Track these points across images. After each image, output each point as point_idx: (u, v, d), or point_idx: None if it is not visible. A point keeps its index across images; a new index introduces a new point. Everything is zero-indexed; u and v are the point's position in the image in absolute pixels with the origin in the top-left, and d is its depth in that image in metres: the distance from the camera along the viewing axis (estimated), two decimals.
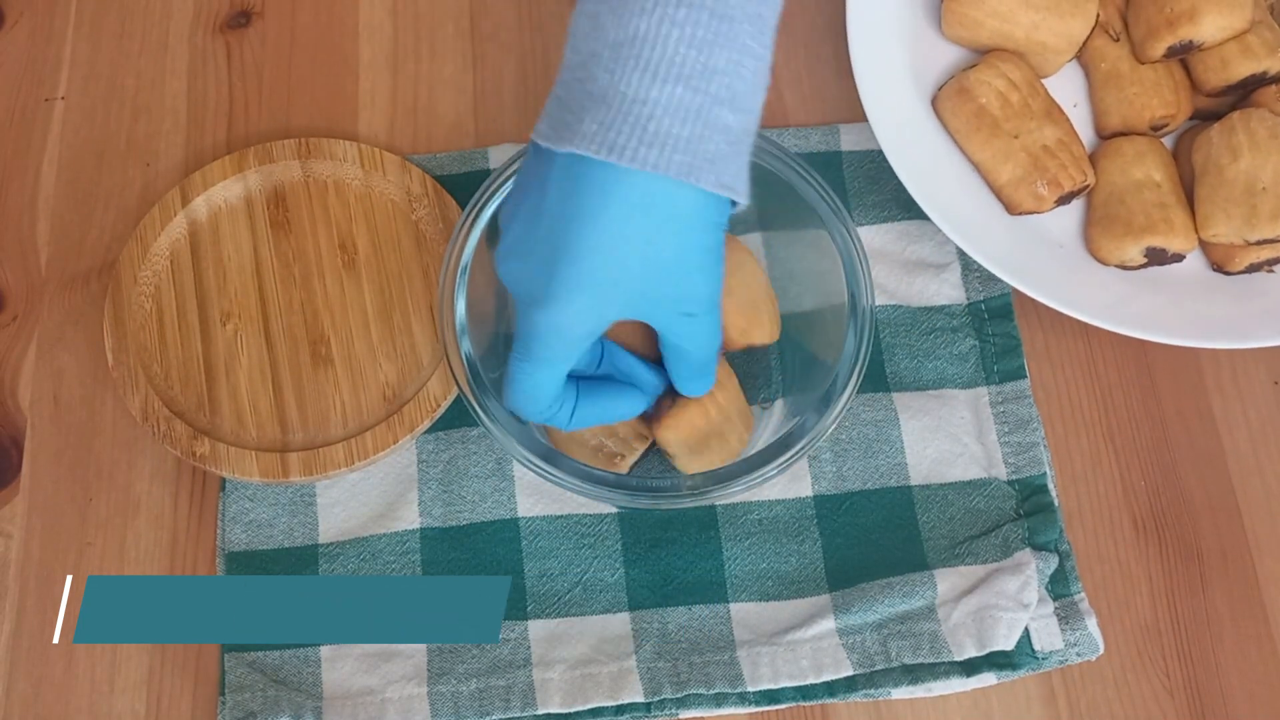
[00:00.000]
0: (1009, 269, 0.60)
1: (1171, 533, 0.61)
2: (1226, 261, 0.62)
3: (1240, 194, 0.60)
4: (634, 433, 0.58)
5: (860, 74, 0.64)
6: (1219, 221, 0.61)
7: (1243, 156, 0.60)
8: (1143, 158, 0.63)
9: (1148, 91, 0.64)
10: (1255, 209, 0.60)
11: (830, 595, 0.58)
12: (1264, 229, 0.59)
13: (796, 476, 0.61)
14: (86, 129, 0.69)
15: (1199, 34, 0.62)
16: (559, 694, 0.56)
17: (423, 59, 0.70)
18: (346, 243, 0.64)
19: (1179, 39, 0.62)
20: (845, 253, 0.56)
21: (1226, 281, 0.63)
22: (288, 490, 0.60)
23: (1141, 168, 0.63)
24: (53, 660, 0.58)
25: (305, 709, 0.56)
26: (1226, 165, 0.61)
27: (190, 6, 0.72)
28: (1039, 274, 0.61)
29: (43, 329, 0.64)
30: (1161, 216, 0.61)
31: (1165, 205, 0.62)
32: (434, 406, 0.60)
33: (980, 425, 0.62)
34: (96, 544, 0.60)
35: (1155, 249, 0.61)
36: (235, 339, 0.62)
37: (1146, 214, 0.61)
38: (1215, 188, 0.61)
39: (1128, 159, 0.63)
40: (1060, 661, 0.57)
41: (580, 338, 0.50)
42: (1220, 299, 0.62)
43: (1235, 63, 0.62)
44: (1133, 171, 0.63)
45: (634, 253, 0.47)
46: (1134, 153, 0.63)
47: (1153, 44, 0.63)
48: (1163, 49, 0.63)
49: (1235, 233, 0.60)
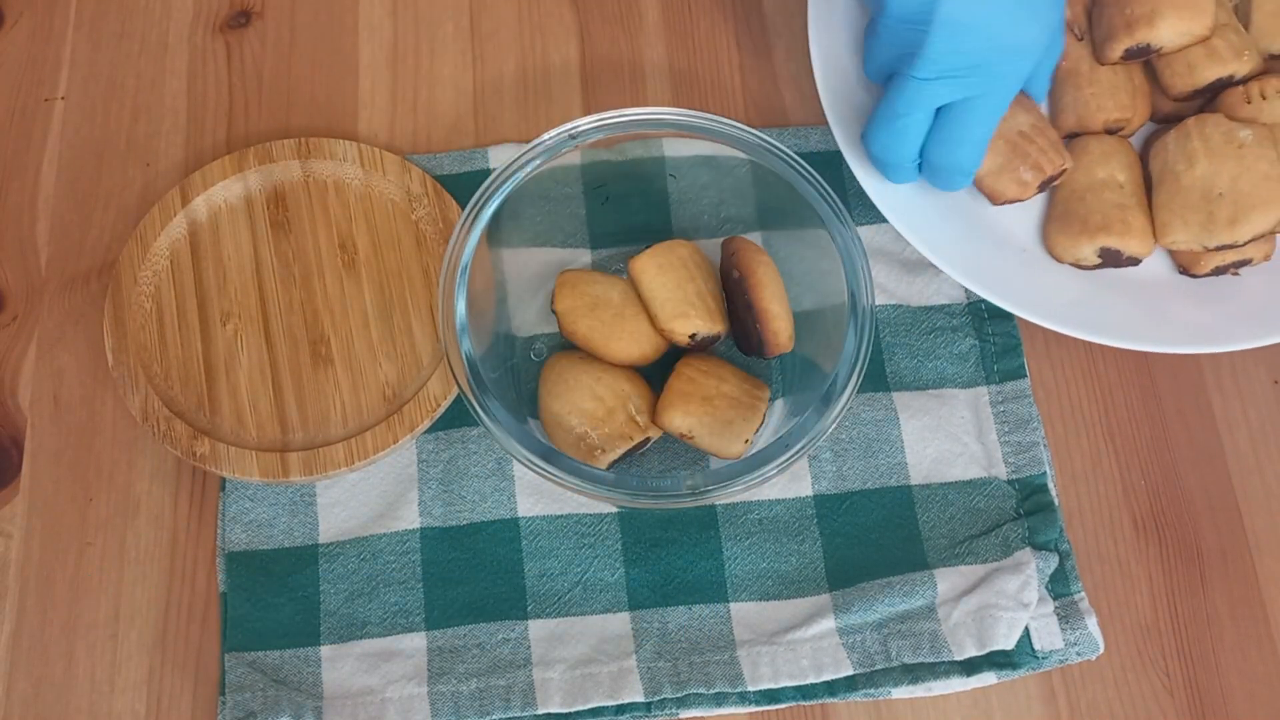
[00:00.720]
0: (969, 274, 0.60)
1: (1171, 532, 0.61)
2: (1192, 264, 0.62)
3: (1197, 200, 0.60)
4: (619, 431, 0.58)
5: (821, 76, 0.63)
6: (1177, 229, 0.60)
7: (1198, 163, 0.60)
8: (1109, 158, 0.62)
9: (1104, 93, 0.63)
10: (1212, 215, 0.59)
11: (830, 595, 0.58)
12: (1222, 235, 0.59)
13: (796, 476, 0.61)
14: (86, 129, 0.69)
15: (1157, 38, 0.61)
16: (559, 694, 0.56)
17: (423, 59, 0.70)
18: (346, 243, 0.64)
19: (1136, 42, 0.62)
20: (845, 252, 0.56)
21: (1194, 284, 0.63)
22: (288, 490, 0.60)
23: (1106, 167, 0.62)
24: (53, 660, 0.58)
25: (305, 709, 0.56)
26: (1182, 172, 0.60)
27: (190, 6, 0.72)
28: (999, 276, 0.61)
29: (43, 329, 0.64)
30: (1119, 217, 0.61)
31: (1125, 206, 0.61)
32: (434, 406, 0.60)
33: (980, 425, 0.62)
34: (96, 544, 0.60)
35: (1110, 250, 0.61)
36: (235, 339, 0.62)
37: (1104, 214, 0.61)
38: (1172, 195, 0.61)
39: (1094, 157, 0.63)
40: (1060, 661, 0.57)
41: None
42: (1187, 303, 0.62)
43: (1202, 67, 0.62)
44: (1096, 170, 0.62)
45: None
46: (1100, 152, 0.63)
47: (1111, 45, 0.62)
48: (1120, 51, 0.62)
49: (1194, 239, 0.60)
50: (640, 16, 0.71)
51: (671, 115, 0.57)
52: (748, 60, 0.70)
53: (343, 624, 0.58)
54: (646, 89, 0.70)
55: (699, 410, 0.57)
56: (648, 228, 0.64)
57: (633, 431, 0.57)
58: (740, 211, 0.62)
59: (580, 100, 0.69)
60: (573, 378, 0.58)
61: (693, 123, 0.58)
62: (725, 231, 0.63)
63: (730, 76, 0.70)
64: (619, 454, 0.57)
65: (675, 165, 0.62)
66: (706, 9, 0.72)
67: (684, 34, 0.71)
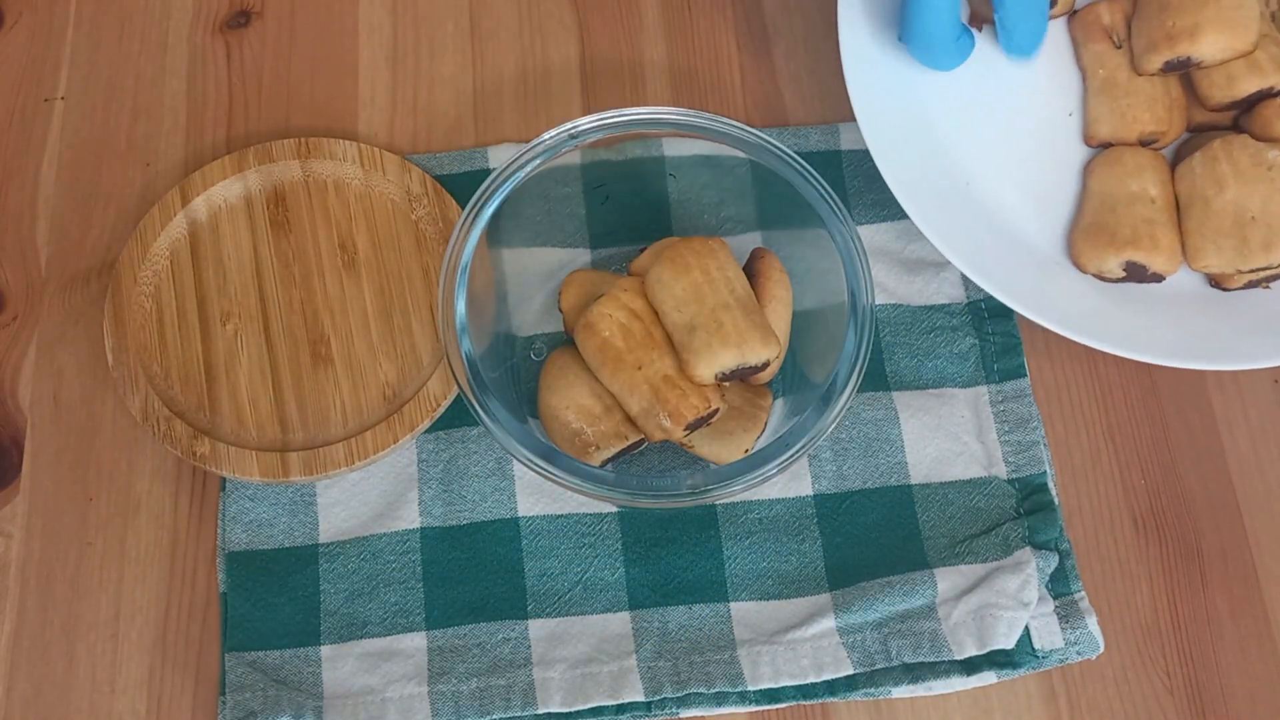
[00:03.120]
0: (990, 278, 0.59)
1: (1171, 531, 0.61)
2: (1225, 280, 0.62)
3: (1230, 225, 0.59)
4: (615, 429, 0.57)
5: (851, 78, 0.62)
6: (1210, 254, 0.60)
7: (1229, 187, 0.60)
8: (1142, 171, 0.62)
9: (1140, 104, 0.63)
10: (1246, 240, 0.59)
11: (830, 594, 0.58)
12: (1257, 259, 0.59)
13: (797, 476, 0.61)
14: (86, 129, 0.69)
15: (1198, 52, 0.60)
16: (559, 693, 0.56)
17: (422, 58, 0.70)
18: (346, 242, 0.64)
19: (1177, 55, 0.61)
20: (845, 252, 0.56)
21: (1217, 298, 0.62)
22: (288, 490, 0.60)
23: (1139, 181, 0.62)
24: (53, 660, 0.58)
25: (306, 709, 0.56)
26: (1213, 197, 0.60)
27: (190, 6, 0.72)
28: (1023, 284, 0.60)
29: (43, 329, 0.64)
30: (1148, 233, 0.60)
31: (1154, 222, 0.61)
32: (434, 406, 0.60)
33: (980, 424, 0.62)
34: (96, 544, 0.60)
35: (1135, 264, 0.60)
36: (235, 339, 0.62)
37: (1134, 228, 0.60)
38: (1203, 220, 0.60)
39: (1128, 169, 0.62)
40: (1060, 660, 0.57)
41: None
42: (1208, 316, 0.61)
43: (1242, 79, 0.61)
44: (1129, 183, 0.62)
45: None
46: (1135, 164, 0.62)
47: (1151, 57, 0.62)
48: (1160, 63, 0.62)
49: (1228, 264, 0.60)
50: (640, 16, 0.71)
51: (671, 115, 0.57)
52: (748, 60, 0.70)
53: (343, 624, 0.58)
54: (646, 89, 0.70)
55: None
56: (648, 227, 0.64)
57: (628, 431, 0.57)
58: (740, 211, 0.62)
59: (580, 100, 0.69)
60: (573, 374, 0.58)
61: (693, 122, 0.58)
62: (725, 231, 0.63)
63: (730, 76, 0.70)
64: (614, 452, 0.57)
65: (675, 165, 0.62)
66: (706, 9, 0.72)
67: (684, 34, 0.71)
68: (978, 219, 0.62)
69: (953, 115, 0.64)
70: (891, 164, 0.61)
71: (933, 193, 0.62)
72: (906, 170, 0.61)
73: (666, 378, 0.55)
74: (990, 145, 0.64)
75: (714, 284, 0.55)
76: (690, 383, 0.55)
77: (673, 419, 0.55)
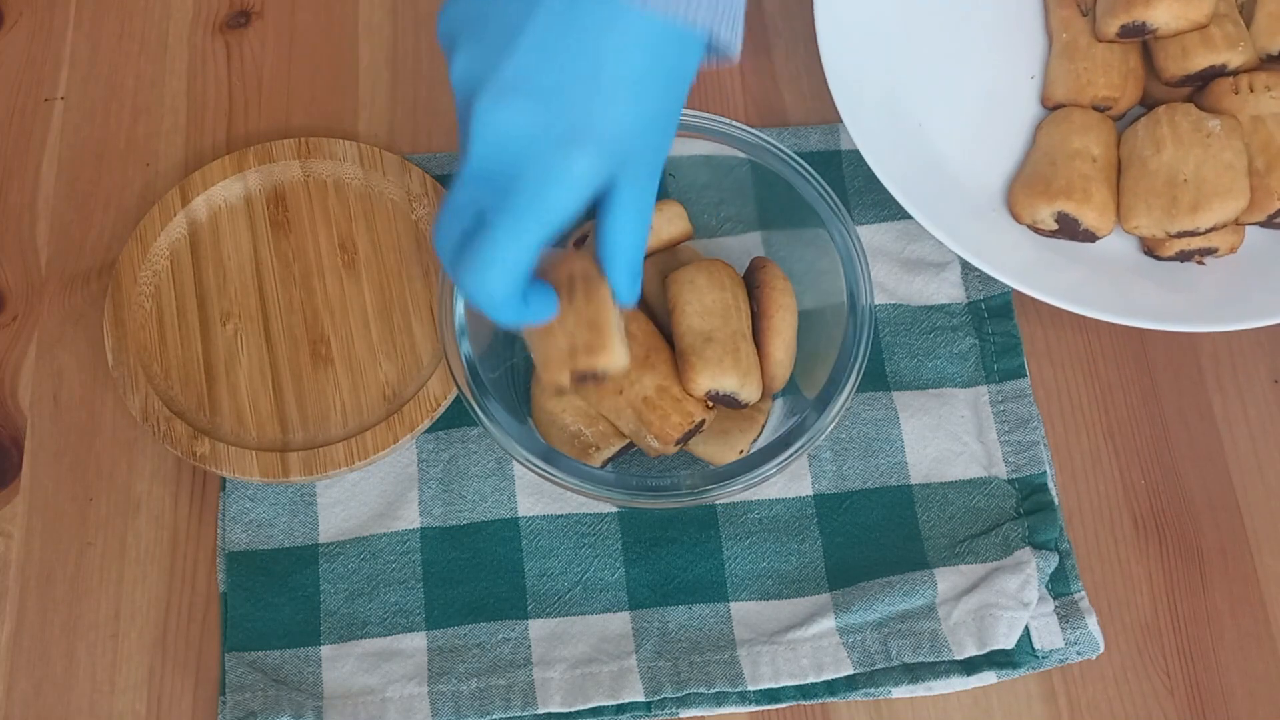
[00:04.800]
0: (936, 220, 0.61)
1: (1171, 531, 0.61)
2: (1156, 246, 0.63)
3: (1162, 185, 0.61)
4: (613, 429, 0.57)
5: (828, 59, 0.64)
6: (1140, 213, 0.61)
7: (1165, 149, 0.61)
8: (1088, 130, 0.63)
9: (1096, 69, 0.64)
10: (1176, 200, 0.60)
11: (830, 594, 0.58)
12: (1183, 221, 0.60)
13: (796, 475, 0.61)
14: (86, 129, 0.69)
15: (1153, 18, 0.62)
16: (559, 693, 0.56)
17: (423, 59, 0.70)
18: (346, 242, 0.64)
19: (1133, 19, 0.62)
20: (845, 252, 0.56)
21: (1155, 268, 0.63)
22: (288, 490, 0.60)
23: (1083, 139, 0.63)
24: (53, 660, 0.58)
25: (306, 709, 0.56)
26: (1149, 157, 0.61)
27: (190, 6, 0.72)
28: (966, 230, 0.61)
29: (43, 329, 0.64)
30: (1082, 186, 0.61)
31: (1090, 178, 0.62)
32: (434, 406, 0.60)
33: (980, 424, 0.62)
34: (96, 544, 0.60)
35: (1067, 217, 0.62)
36: (235, 339, 0.62)
37: (1069, 180, 0.62)
38: (1138, 179, 0.62)
39: (1074, 126, 0.63)
40: (1060, 660, 0.57)
41: (541, 170, 0.45)
42: (1146, 283, 0.63)
43: (1195, 53, 0.63)
44: (1073, 140, 0.63)
45: (582, 57, 0.44)
46: (1081, 123, 0.63)
47: (1109, 20, 0.63)
48: (1116, 26, 0.63)
49: (1156, 224, 0.61)
50: None
51: None
52: (748, 60, 0.70)
53: (343, 624, 0.58)
54: None
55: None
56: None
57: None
58: (740, 211, 0.62)
59: None
60: None
61: (693, 122, 0.58)
62: (725, 231, 0.63)
63: (730, 76, 0.70)
64: (614, 451, 0.57)
65: (675, 165, 0.62)
66: None
67: None
68: (928, 160, 0.64)
69: (917, 61, 0.67)
70: (845, 88, 0.63)
71: (884, 126, 0.63)
72: (861, 101, 0.63)
73: (646, 399, 0.55)
74: (948, 94, 0.67)
75: (740, 314, 0.56)
76: (670, 399, 0.55)
77: (660, 440, 0.55)
